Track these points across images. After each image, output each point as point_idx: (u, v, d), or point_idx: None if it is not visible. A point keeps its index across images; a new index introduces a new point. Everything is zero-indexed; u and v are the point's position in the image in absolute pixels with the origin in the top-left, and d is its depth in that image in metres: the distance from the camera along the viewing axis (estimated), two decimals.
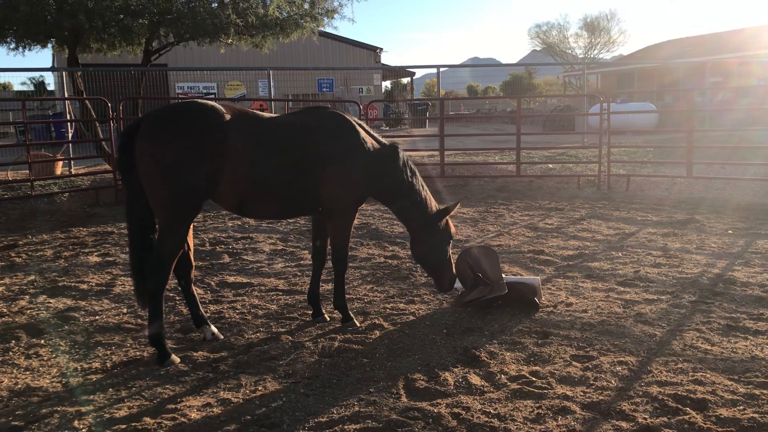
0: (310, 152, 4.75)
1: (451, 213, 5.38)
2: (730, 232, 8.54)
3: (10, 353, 4.73)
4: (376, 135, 5.18)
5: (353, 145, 4.90)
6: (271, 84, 17.16)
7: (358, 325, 5.17)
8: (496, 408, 3.74)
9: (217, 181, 4.45)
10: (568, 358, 4.45)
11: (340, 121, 4.96)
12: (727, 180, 12.12)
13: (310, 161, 4.75)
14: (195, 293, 5.01)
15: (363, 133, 5.00)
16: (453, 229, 5.47)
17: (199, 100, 4.66)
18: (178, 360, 4.48)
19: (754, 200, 10.92)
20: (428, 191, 5.40)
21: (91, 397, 3.98)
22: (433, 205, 5.38)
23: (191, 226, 4.73)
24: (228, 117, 4.48)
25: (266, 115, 4.84)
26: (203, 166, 4.36)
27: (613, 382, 4.05)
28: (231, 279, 6.63)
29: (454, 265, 5.51)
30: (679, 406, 3.69)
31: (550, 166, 15.10)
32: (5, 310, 5.68)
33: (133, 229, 4.55)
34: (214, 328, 4.99)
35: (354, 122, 5.02)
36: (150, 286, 4.41)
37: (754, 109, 18.95)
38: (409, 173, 5.22)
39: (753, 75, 28.68)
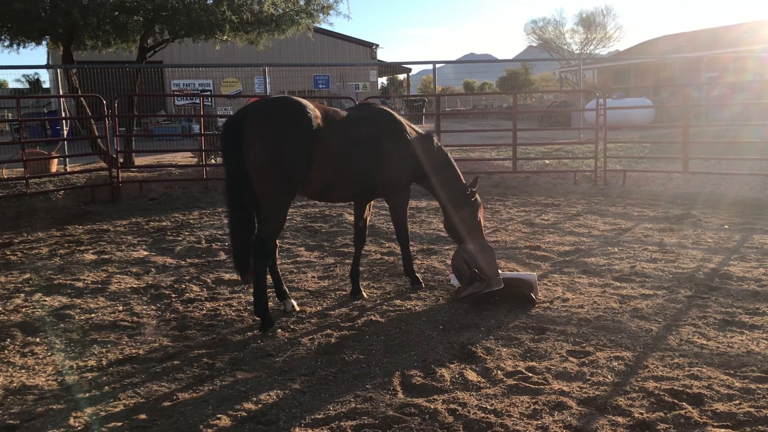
0: (372, 142, 5.35)
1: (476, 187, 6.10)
2: (726, 227, 8.55)
3: (6, 351, 4.71)
4: (414, 126, 5.89)
5: (403, 135, 5.61)
6: (267, 81, 17.09)
7: (423, 286, 5.98)
8: (493, 404, 3.74)
9: (311, 169, 4.92)
10: (565, 354, 4.46)
11: (389, 116, 5.67)
12: (723, 175, 12.13)
13: (373, 150, 5.36)
14: (278, 271, 5.60)
15: (407, 125, 5.74)
16: (479, 200, 6.15)
17: (289, 96, 5.08)
18: (278, 329, 4.97)
19: (750, 195, 10.94)
20: (459, 170, 6.08)
21: (87, 394, 3.97)
22: (463, 181, 6.08)
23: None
24: (318, 111, 4.96)
25: (332, 109, 5.29)
26: (305, 155, 4.83)
27: (610, 378, 4.06)
28: (227, 276, 6.61)
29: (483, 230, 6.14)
30: (675, 400, 3.70)
31: (547, 162, 15.09)
32: (0, 309, 5.67)
33: (236, 216, 4.86)
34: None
35: (398, 116, 5.73)
36: (256, 264, 4.88)
37: (749, 105, 18.98)
38: (442, 156, 5.96)
39: (749, 70, 28.72)
